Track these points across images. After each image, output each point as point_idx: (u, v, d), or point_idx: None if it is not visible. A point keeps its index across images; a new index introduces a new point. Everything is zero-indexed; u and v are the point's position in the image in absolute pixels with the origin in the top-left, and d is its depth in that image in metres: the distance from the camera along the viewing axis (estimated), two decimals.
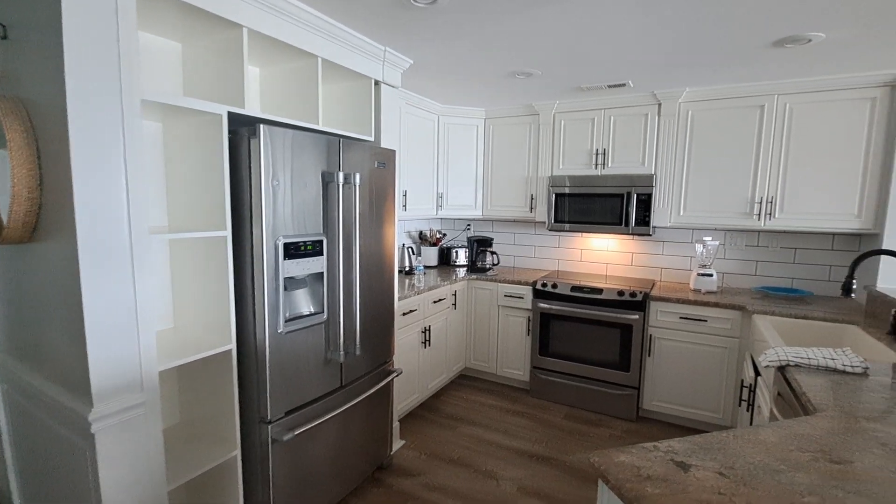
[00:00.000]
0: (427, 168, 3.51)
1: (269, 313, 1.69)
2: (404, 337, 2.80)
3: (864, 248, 2.77)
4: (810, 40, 2.02)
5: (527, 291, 3.30)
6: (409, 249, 3.55)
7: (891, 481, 0.93)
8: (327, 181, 1.87)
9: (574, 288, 3.11)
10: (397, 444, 2.64)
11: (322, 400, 1.96)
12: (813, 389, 1.40)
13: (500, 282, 3.41)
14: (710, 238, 3.10)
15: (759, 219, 2.81)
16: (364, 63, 2.23)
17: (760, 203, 2.79)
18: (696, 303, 2.76)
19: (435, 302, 3.11)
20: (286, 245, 1.71)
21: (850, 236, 2.85)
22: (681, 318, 2.81)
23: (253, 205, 1.65)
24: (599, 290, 3.03)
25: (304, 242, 1.78)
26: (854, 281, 1.94)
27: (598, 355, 3.06)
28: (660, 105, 3.02)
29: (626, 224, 3.13)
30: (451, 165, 3.67)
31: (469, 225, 4.17)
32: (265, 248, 1.65)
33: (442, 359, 3.28)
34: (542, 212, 3.48)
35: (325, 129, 2.06)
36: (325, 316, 1.91)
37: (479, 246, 3.80)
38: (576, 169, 3.33)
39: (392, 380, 2.41)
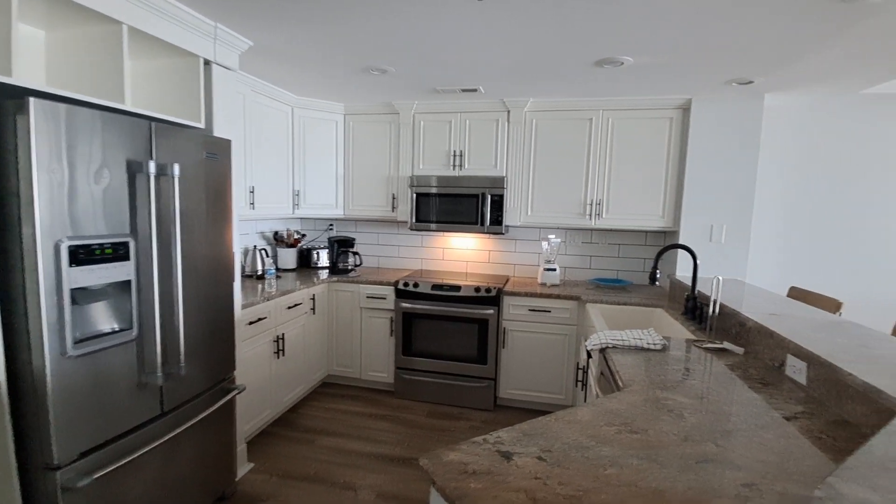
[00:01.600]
0: (281, 163, 3.25)
1: (49, 334, 1.35)
2: (252, 348, 2.53)
3: (669, 244, 3.32)
4: (622, 63, 2.33)
5: (389, 292, 3.26)
6: (262, 252, 3.24)
7: (674, 444, 1.08)
8: (135, 171, 1.57)
9: (435, 286, 3.16)
10: (244, 468, 2.38)
11: (136, 432, 1.65)
12: (624, 367, 1.59)
13: (362, 283, 3.31)
14: (553, 236, 3.42)
15: (590, 219, 3.18)
16: (189, 38, 1.94)
17: (591, 205, 3.16)
18: (541, 295, 3.01)
19: (290, 307, 2.89)
20: (73, 249, 1.39)
21: (658, 233, 3.39)
22: (529, 310, 3.04)
23: (22, 198, 1.30)
24: (458, 288, 3.12)
25: (101, 245, 1.47)
26: (658, 271, 2.28)
27: (459, 351, 3.16)
28: (509, 112, 3.23)
29: (482, 223, 3.28)
30: (309, 162, 3.46)
31: (332, 225, 3.98)
32: (40, 252, 1.31)
33: (299, 369, 3.06)
34: (405, 211, 3.47)
35: (136, 110, 1.74)
36: (134, 332, 1.60)
37: (341, 246, 3.65)
38: (436, 169, 3.39)
39: (234, 398, 2.15)
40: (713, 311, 2.03)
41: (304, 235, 3.76)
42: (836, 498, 0.68)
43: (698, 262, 2.98)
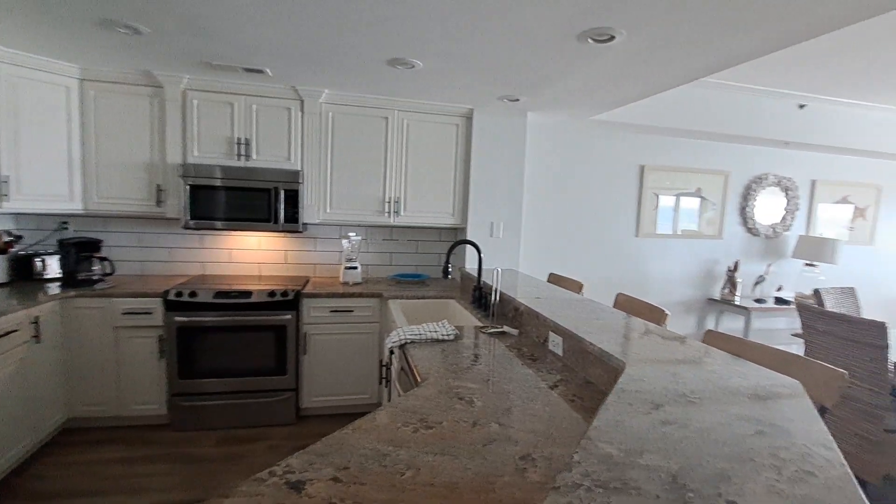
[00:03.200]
0: None
1: None
2: None
3: (460, 239, 3.63)
4: (413, 66, 2.41)
5: (156, 304, 2.68)
6: None
7: (465, 431, 1.13)
8: None
9: (219, 294, 2.74)
10: None
11: None
12: (421, 361, 1.64)
13: (115, 296, 2.63)
14: (354, 234, 3.36)
15: (389, 216, 3.23)
16: None
17: (390, 202, 3.22)
18: (343, 295, 2.92)
19: None
20: None
21: (450, 230, 3.68)
22: (331, 311, 2.91)
23: None
24: (249, 293, 2.78)
25: None
26: (450, 265, 2.45)
27: (254, 364, 2.82)
28: (302, 102, 3.01)
29: (277, 221, 2.99)
30: (23, 139, 2.56)
31: (66, 223, 3.06)
32: None
33: (18, 418, 2.26)
34: (176, 206, 2.90)
35: None
36: None
37: (81, 251, 2.84)
38: (216, 158, 2.93)
39: None
40: (495, 299, 2.28)
41: (20, 237, 2.79)
42: (587, 458, 0.79)
43: (482, 255, 3.33)
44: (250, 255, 3.35)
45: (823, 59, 2.93)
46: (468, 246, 3.34)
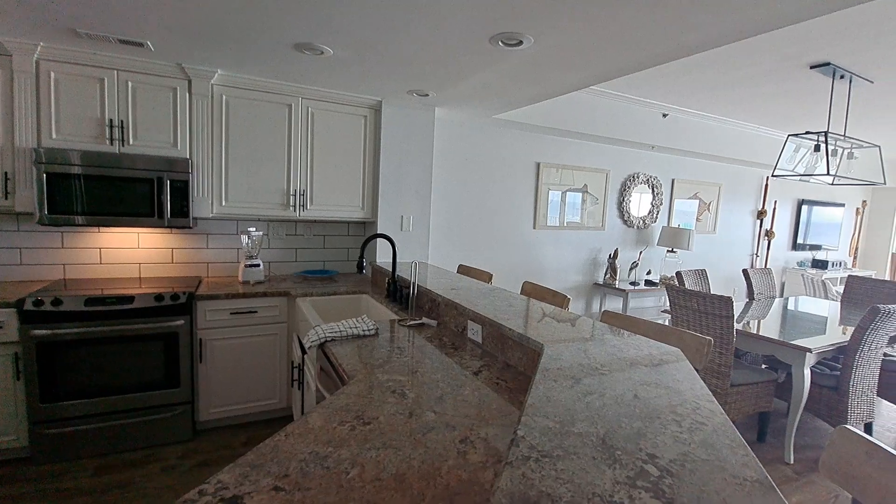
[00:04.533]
0: None
1: None
2: None
3: (368, 233, 3.58)
4: (322, 52, 2.31)
5: (8, 316, 2.23)
6: None
7: (402, 423, 1.14)
8: None
9: (91, 300, 2.37)
10: None
11: None
12: (345, 358, 1.60)
13: None
14: (254, 229, 3.13)
15: (294, 210, 3.06)
16: None
17: (295, 195, 3.05)
18: (245, 295, 2.71)
19: None
20: None
21: (359, 224, 3.61)
22: (232, 313, 2.69)
23: None
24: (130, 299, 2.44)
25: None
26: (364, 259, 2.41)
27: (139, 378, 2.49)
28: (190, 81, 2.71)
29: (161, 216, 2.67)
30: None
31: None
32: None
33: None
34: (28, 198, 2.43)
35: None
36: None
37: None
38: (82, 142, 2.51)
39: None
40: (413, 292, 2.31)
41: None
42: (530, 432, 0.86)
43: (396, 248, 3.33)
44: (127, 255, 2.94)
45: (679, 77, 3.44)
46: (379, 239, 3.31)
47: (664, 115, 4.46)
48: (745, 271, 4.38)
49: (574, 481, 0.72)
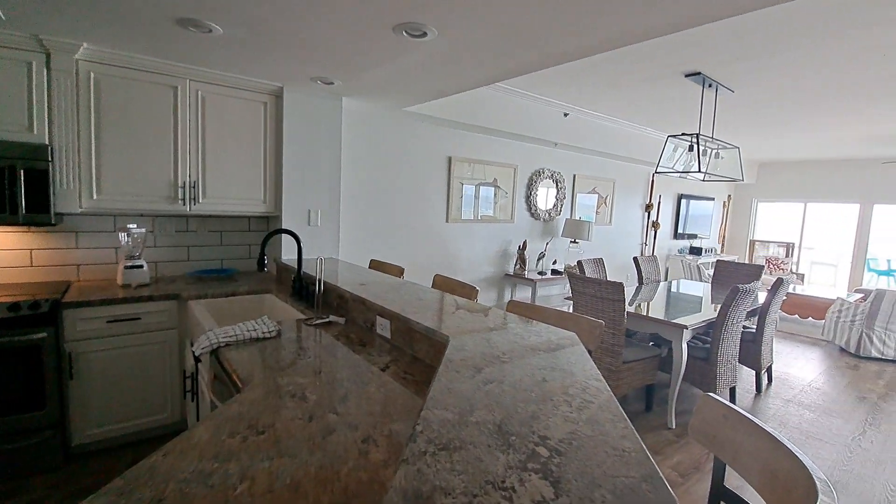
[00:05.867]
0: None
1: None
2: None
3: (273, 229, 3.36)
4: (211, 30, 2.10)
5: None
6: None
7: (301, 428, 1.08)
8: None
9: None
10: None
11: None
12: (240, 364, 1.49)
13: None
14: (135, 225, 2.79)
15: (184, 203, 2.78)
16: None
17: (184, 188, 2.76)
18: (125, 300, 2.41)
19: None
20: None
21: (262, 219, 3.38)
22: (109, 321, 2.37)
23: None
24: None
25: None
26: (265, 257, 2.26)
27: None
28: (49, 55, 2.32)
29: (15, 211, 2.27)
30: None
31: None
32: None
33: None
34: None
35: None
36: None
37: None
38: None
39: None
40: (319, 289, 2.21)
41: None
42: (428, 426, 0.86)
43: (301, 244, 3.17)
44: None
45: (577, 79, 3.67)
46: (285, 235, 3.13)
47: (565, 115, 4.75)
48: (635, 259, 4.84)
49: (468, 471, 0.72)
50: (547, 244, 5.57)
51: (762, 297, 4.06)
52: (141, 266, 2.67)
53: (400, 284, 2.34)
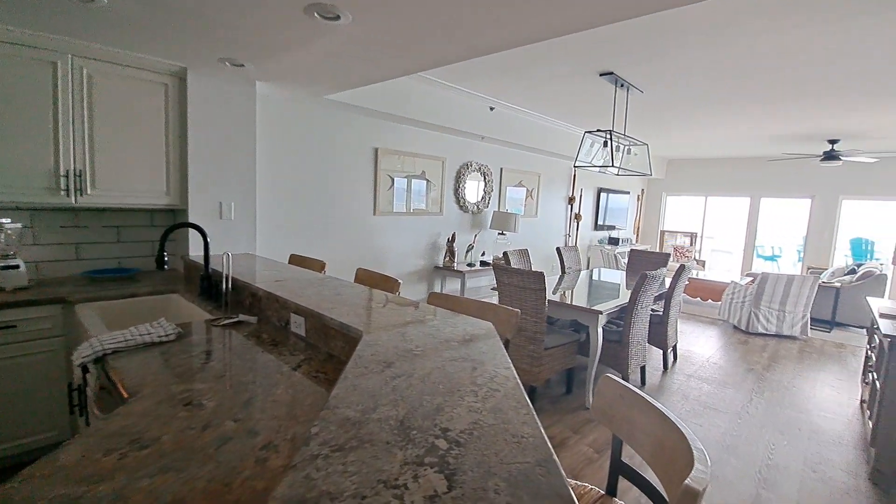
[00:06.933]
0: None
1: None
2: None
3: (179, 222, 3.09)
4: (94, 0, 1.86)
5: None
6: None
7: (192, 439, 0.99)
8: None
9: None
10: None
11: None
12: (129, 373, 1.34)
13: None
14: (9, 220, 2.43)
15: (70, 195, 2.46)
16: None
17: (69, 177, 2.45)
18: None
19: None
20: None
21: (166, 212, 3.09)
22: None
23: None
24: None
25: None
26: (166, 254, 2.07)
27: None
28: None
29: None
30: None
31: None
32: None
33: None
34: None
35: None
36: None
37: None
38: None
39: None
40: (226, 286, 2.06)
41: None
42: (326, 426, 0.82)
43: (209, 240, 2.95)
44: None
45: (501, 74, 3.74)
46: (192, 230, 2.89)
47: (491, 109, 4.83)
48: (558, 249, 5.06)
49: (362, 472, 0.70)
50: (475, 236, 5.66)
51: (668, 282, 4.42)
52: (17, 266, 2.34)
53: (319, 280, 2.25)
